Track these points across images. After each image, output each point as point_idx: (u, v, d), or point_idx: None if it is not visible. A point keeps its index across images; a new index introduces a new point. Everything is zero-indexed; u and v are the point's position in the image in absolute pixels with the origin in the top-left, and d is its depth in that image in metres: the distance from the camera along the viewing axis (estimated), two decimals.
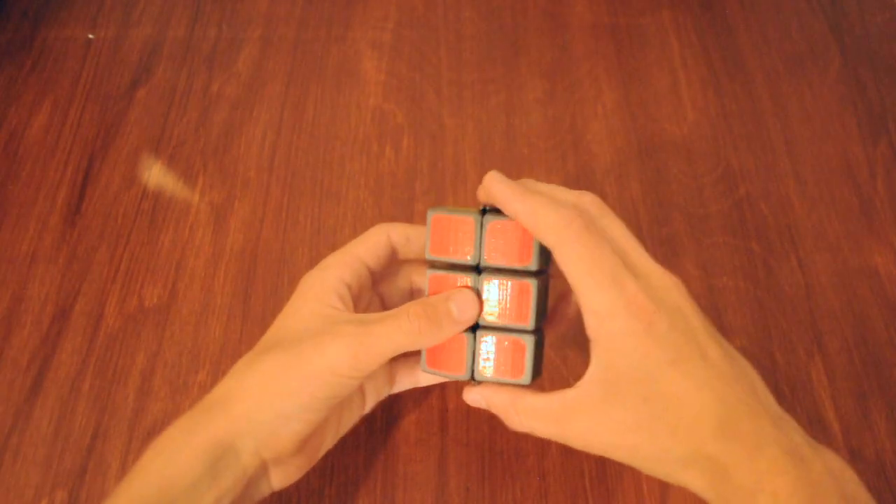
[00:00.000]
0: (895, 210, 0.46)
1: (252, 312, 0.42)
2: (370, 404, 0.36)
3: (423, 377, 0.37)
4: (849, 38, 0.54)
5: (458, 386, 0.37)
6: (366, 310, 0.35)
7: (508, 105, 0.50)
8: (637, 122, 0.50)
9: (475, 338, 0.32)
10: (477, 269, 0.32)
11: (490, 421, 0.38)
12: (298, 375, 0.30)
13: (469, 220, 0.32)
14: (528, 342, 0.32)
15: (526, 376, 0.32)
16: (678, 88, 0.51)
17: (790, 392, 0.39)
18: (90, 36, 0.54)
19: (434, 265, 0.33)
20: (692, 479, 0.28)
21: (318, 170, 0.47)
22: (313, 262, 0.43)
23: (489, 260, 0.32)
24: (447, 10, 0.55)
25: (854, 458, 0.37)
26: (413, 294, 0.37)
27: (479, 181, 0.46)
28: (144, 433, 0.38)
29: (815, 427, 0.38)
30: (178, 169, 0.47)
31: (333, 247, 0.44)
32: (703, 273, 0.43)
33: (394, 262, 0.36)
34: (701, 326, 0.29)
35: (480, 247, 0.32)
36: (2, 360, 0.40)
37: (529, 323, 0.31)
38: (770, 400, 0.29)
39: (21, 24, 0.54)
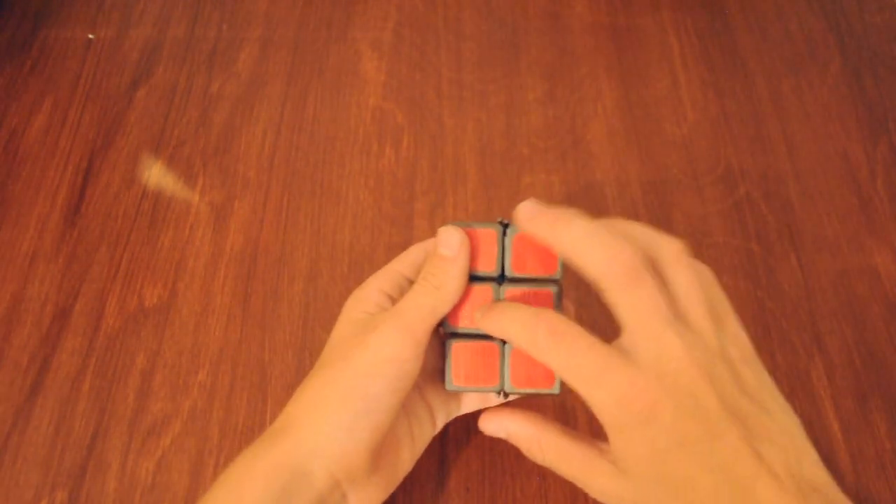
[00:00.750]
0: (895, 210, 0.46)
1: (252, 312, 0.42)
2: (440, 424, 0.35)
3: (491, 396, 0.36)
4: (849, 38, 0.54)
5: None
6: None
7: (508, 105, 0.50)
8: (637, 122, 0.50)
9: (504, 350, 0.33)
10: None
11: None
12: (348, 379, 0.30)
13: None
14: None
15: (556, 385, 0.33)
16: (678, 88, 0.51)
17: (790, 392, 0.39)
18: (90, 36, 0.54)
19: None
20: None
21: (318, 170, 0.47)
22: (313, 262, 0.44)
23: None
24: (447, 10, 0.55)
25: (854, 458, 0.37)
26: None
27: (480, 181, 0.47)
28: (144, 433, 0.38)
29: (816, 427, 0.38)
30: (178, 169, 0.47)
31: (333, 247, 0.44)
32: None
33: None
34: (718, 408, 0.27)
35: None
36: (2, 360, 0.40)
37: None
38: (806, 470, 0.27)
39: (21, 24, 0.54)
